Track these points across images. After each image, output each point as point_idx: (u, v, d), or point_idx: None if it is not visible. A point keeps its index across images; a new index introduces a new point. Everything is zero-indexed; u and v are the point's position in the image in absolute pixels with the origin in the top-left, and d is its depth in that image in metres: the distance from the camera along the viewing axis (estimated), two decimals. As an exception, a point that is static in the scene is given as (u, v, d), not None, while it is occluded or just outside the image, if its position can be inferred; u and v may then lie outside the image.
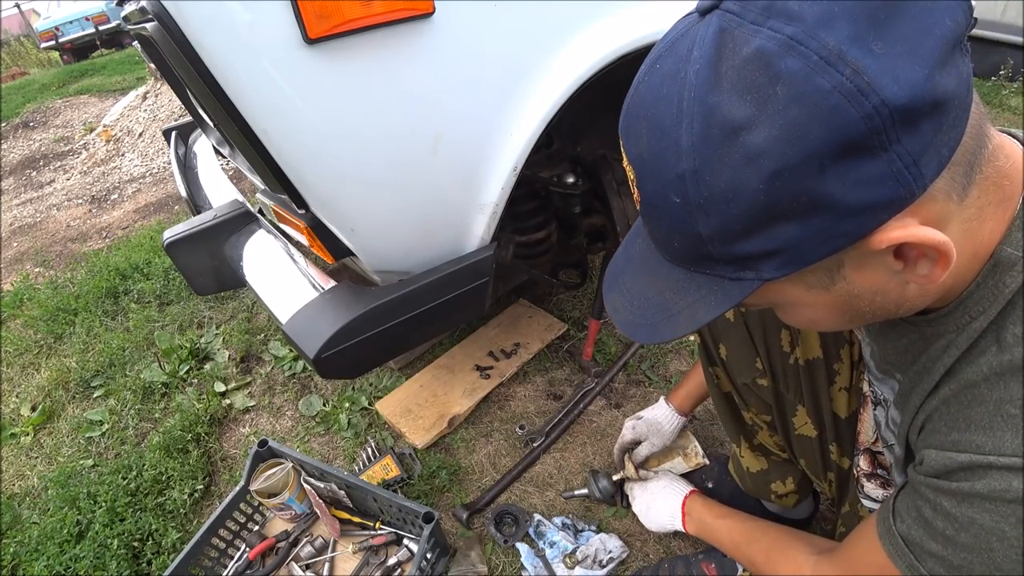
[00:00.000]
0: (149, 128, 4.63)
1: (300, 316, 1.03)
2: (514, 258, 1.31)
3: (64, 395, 1.90)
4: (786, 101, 0.34)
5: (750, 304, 0.49)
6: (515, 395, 1.60)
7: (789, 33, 0.34)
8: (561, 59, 0.97)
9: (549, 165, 1.33)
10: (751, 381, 0.92)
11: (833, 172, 0.35)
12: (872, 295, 0.44)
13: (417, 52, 0.84)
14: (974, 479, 0.45)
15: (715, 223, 0.39)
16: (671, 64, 0.40)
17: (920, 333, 0.53)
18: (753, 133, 0.35)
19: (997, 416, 0.44)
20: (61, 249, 3.20)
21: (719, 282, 0.44)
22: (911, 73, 0.34)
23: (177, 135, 1.84)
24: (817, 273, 0.43)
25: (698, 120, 0.37)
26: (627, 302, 0.51)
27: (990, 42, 3.73)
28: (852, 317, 0.48)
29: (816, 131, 0.34)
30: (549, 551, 1.18)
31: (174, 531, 1.35)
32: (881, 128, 0.34)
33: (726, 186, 0.37)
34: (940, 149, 0.36)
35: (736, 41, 0.36)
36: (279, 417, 1.68)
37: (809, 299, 0.46)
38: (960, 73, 0.36)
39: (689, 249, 0.43)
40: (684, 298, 0.46)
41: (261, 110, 0.81)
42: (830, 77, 0.33)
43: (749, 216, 0.38)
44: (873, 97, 0.33)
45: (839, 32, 0.34)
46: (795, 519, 1.17)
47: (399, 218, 0.99)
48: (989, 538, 0.44)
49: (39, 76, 8.88)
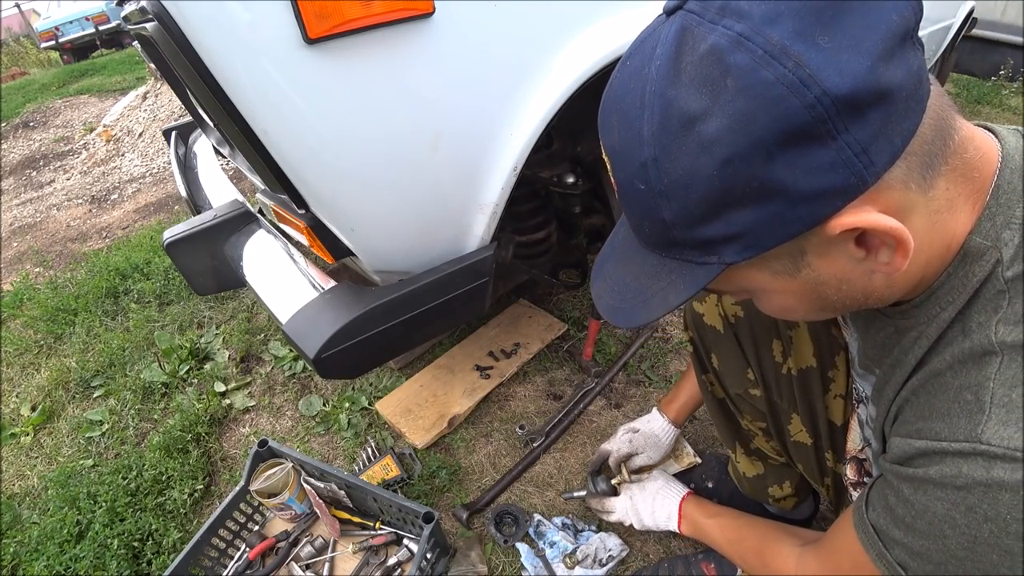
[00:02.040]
0: (149, 128, 4.63)
1: (300, 316, 1.03)
2: (514, 258, 1.31)
3: (64, 395, 1.90)
4: (735, 93, 0.36)
5: (722, 289, 0.52)
6: (515, 395, 1.61)
7: (738, 30, 0.36)
8: (561, 59, 0.97)
9: (549, 165, 1.33)
10: (744, 391, 0.92)
11: (781, 159, 0.37)
12: (838, 283, 0.45)
13: (417, 52, 0.84)
14: (928, 465, 0.45)
15: (676, 208, 0.42)
16: (638, 61, 0.42)
17: (895, 326, 0.54)
18: (707, 123, 0.37)
19: (955, 403, 0.44)
20: (61, 249, 3.20)
21: (687, 267, 0.45)
22: (854, 65, 0.35)
23: (177, 135, 1.84)
24: (781, 259, 0.44)
25: (657, 111, 0.40)
26: (609, 288, 0.54)
27: (990, 42, 3.73)
28: (823, 306, 0.49)
29: (762, 120, 0.36)
30: (549, 551, 1.18)
31: (174, 531, 1.35)
32: (825, 117, 0.35)
33: (683, 173, 0.40)
34: (892, 138, 0.37)
35: (695, 38, 0.38)
36: (279, 417, 1.68)
37: (777, 286, 0.47)
38: (909, 65, 0.38)
39: (658, 235, 0.46)
40: (657, 282, 0.48)
41: (261, 110, 0.81)
42: (773, 69, 0.35)
43: (706, 201, 0.40)
44: (814, 87, 0.35)
45: (783, 28, 0.36)
46: (795, 520, 1.17)
47: (399, 218, 0.99)
48: (942, 525, 0.44)
49: (39, 76, 8.87)
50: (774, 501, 1.07)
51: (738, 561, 0.88)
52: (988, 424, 0.41)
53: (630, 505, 1.09)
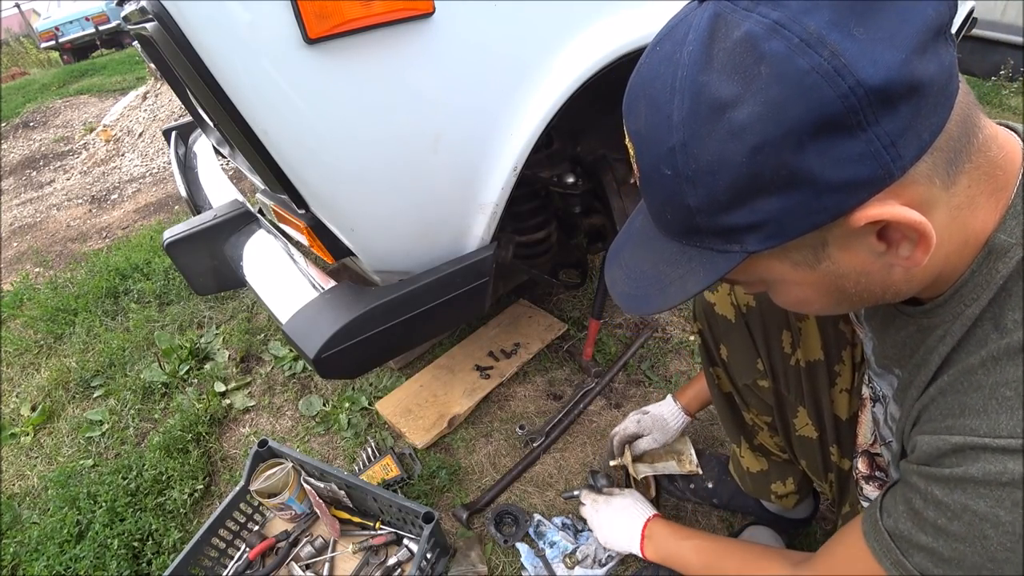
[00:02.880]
0: (149, 128, 4.63)
1: (300, 316, 1.03)
2: (514, 258, 1.31)
3: (64, 395, 1.90)
4: (768, 80, 0.36)
5: (740, 280, 0.51)
6: (515, 395, 1.60)
7: (775, 18, 0.36)
8: (561, 59, 0.97)
9: (549, 165, 1.33)
10: (752, 382, 0.92)
11: (812, 148, 0.37)
12: (857, 276, 0.45)
13: (417, 52, 0.84)
14: (967, 463, 0.44)
15: (702, 194, 0.42)
16: (669, 46, 0.42)
17: (917, 325, 0.53)
18: (738, 110, 0.38)
19: (992, 399, 0.43)
20: (61, 249, 3.20)
21: (708, 254, 0.45)
22: (888, 57, 0.35)
23: (177, 135, 1.84)
24: (802, 250, 0.44)
25: (688, 97, 0.40)
26: (625, 275, 0.53)
27: (990, 42, 3.73)
28: (840, 299, 0.49)
29: (795, 108, 0.36)
30: (549, 551, 1.18)
31: (174, 531, 1.35)
32: (857, 107, 0.35)
33: (712, 159, 0.40)
34: (920, 133, 0.38)
35: (728, 25, 0.38)
36: (279, 417, 1.68)
37: (796, 277, 0.47)
38: (941, 61, 0.37)
39: (680, 221, 0.45)
40: (676, 270, 0.48)
41: (261, 110, 0.81)
42: (809, 58, 0.35)
43: (733, 188, 0.40)
44: (849, 77, 0.35)
45: (820, 17, 0.36)
46: (795, 519, 1.17)
47: (399, 218, 0.99)
48: (983, 525, 0.43)
49: (39, 76, 8.87)
50: (776, 499, 1.07)
51: None
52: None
53: (595, 519, 1.04)
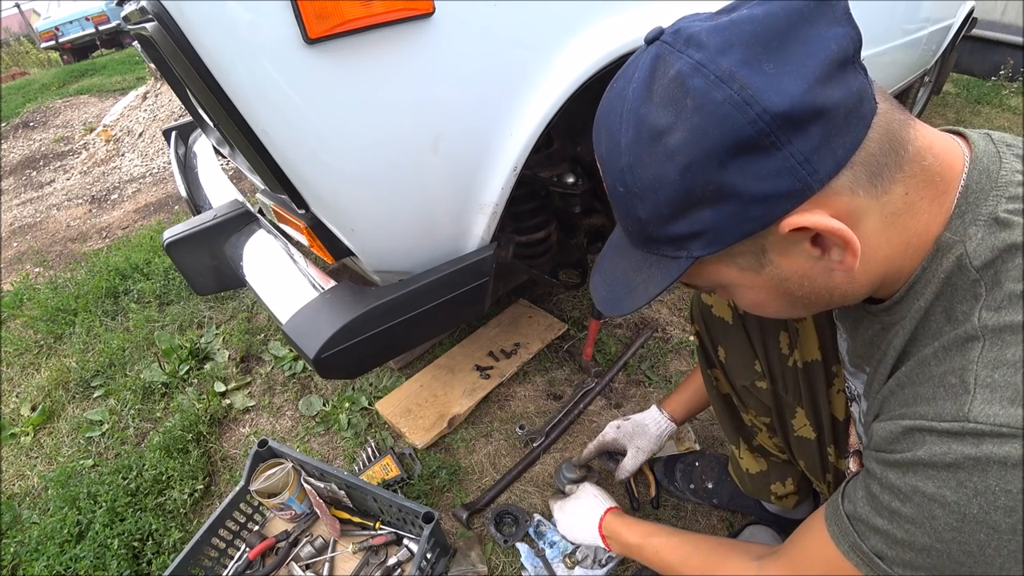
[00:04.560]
0: (149, 128, 4.63)
1: (300, 316, 1.03)
2: (514, 258, 1.31)
3: (64, 395, 1.90)
4: (692, 110, 0.43)
5: (697, 284, 0.57)
6: (515, 395, 1.60)
7: (697, 59, 0.43)
8: (562, 59, 0.97)
9: (549, 165, 1.33)
10: (750, 384, 0.92)
11: (733, 166, 0.43)
12: (800, 279, 0.51)
13: (417, 52, 0.84)
14: (916, 446, 0.46)
15: (649, 207, 0.49)
16: (622, 82, 0.49)
17: (880, 323, 0.57)
18: (671, 136, 0.44)
19: (940, 387, 0.46)
20: (61, 249, 3.20)
21: (663, 260, 0.52)
22: (792, 86, 0.41)
23: (177, 135, 1.84)
24: (746, 256, 0.50)
25: (632, 125, 0.47)
26: (603, 281, 0.60)
27: (990, 42, 3.73)
28: (791, 301, 0.54)
29: (713, 133, 0.42)
30: (549, 551, 1.18)
31: (174, 531, 1.35)
32: (767, 131, 0.41)
33: (652, 177, 0.47)
34: (835, 150, 0.43)
35: (665, 64, 0.45)
36: (279, 417, 1.68)
37: (745, 281, 0.53)
38: (848, 87, 0.43)
39: (638, 232, 0.52)
40: (640, 275, 0.55)
41: (261, 110, 0.81)
42: (722, 91, 0.42)
43: (672, 202, 0.47)
44: (756, 106, 0.41)
45: (733, 57, 0.42)
46: (795, 519, 1.17)
47: (399, 218, 0.99)
48: (931, 506, 0.45)
49: (39, 76, 8.87)
50: (776, 499, 1.07)
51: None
52: (974, 403, 0.43)
53: (560, 519, 1.10)
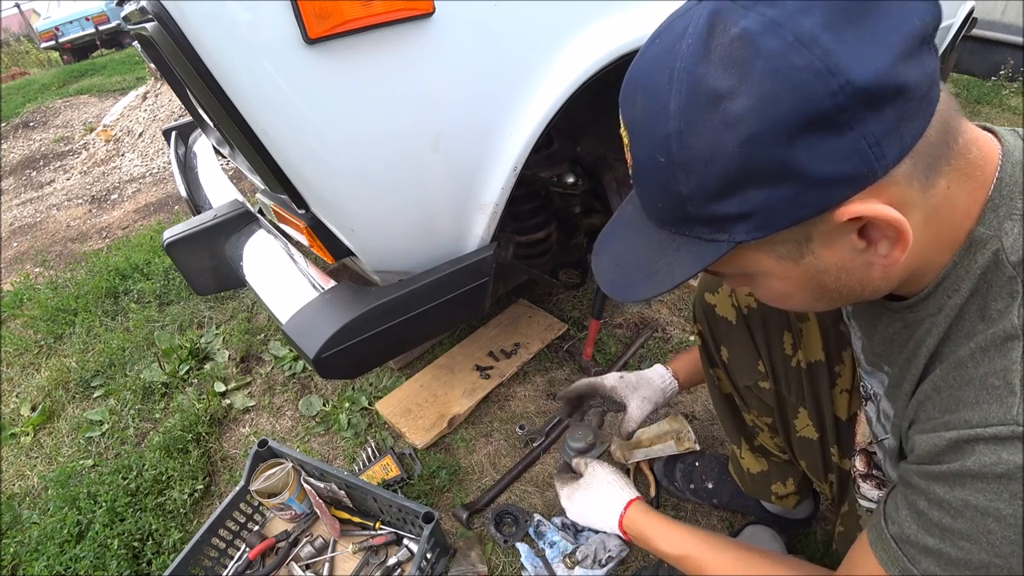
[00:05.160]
0: (149, 128, 4.63)
1: (300, 316, 1.03)
2: (514, 258, 1.31)
3: (64, 395, 1.90)
4: (763, 75, 0.38)
5: (723, 272, 0.53)
6: (515, 395, 1.60)
7: (771, 16, 0.38)
8: (561, 59, 0.97)
9: (549, 165, 1.33)
10: (753, 384, 0.92)
11: (801, 143, 0.38)
12: (838, 272, 0.47)
13: (417, 52, 0.84)
14: (963, 456, 0.44)
15: (694, 182, 0.43)
16: (668, 39, 0.44)
17: (904, 321, 0.54)
18: (733, 102, 0.39)
19: (983, 390, 0.44)
20: (61, 249, 3.20)
21: (696, 243, 0.47)
22: (877, 59, 0.37)
23: (177, 135, 1.84)
24: (787, 244, 0.46)
25: (686, 86, 0.41)
26: (613, 264, 0.55)
27: (990, 42, 3.73)
28: (820, 295, 0.50)
29: (787, 103, 0.38)
30: (549, 551, 1.18)
31: (174, 531, 1.35)
32: (846, 106, 0.37)
33: (706, 148, 0.41)
34: (903, 136, 0.40)
35: (727, 21, 0.40)
36: (279, 417, 1.68)
37: (780, 271, 0.48)
38: (924, 68, 0.40)
39: (672, 210, 0.46)
40: (663, 258, 0.49)
41: (261, 110, 0.81)
42: (802, 56, 0.37)
43: (725, 177, 0.41)
44: (839, 76, 0.37)
45: (814, 18, 0.37)
46: (795, 519, 1.17)
47: (399, 218, 0.99)
48: (985, 520, 0.42)
49: (39, 76, 8.87)
50: (776, 499, 1.07)
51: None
52: (1022, 406, 0.41)
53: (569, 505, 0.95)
